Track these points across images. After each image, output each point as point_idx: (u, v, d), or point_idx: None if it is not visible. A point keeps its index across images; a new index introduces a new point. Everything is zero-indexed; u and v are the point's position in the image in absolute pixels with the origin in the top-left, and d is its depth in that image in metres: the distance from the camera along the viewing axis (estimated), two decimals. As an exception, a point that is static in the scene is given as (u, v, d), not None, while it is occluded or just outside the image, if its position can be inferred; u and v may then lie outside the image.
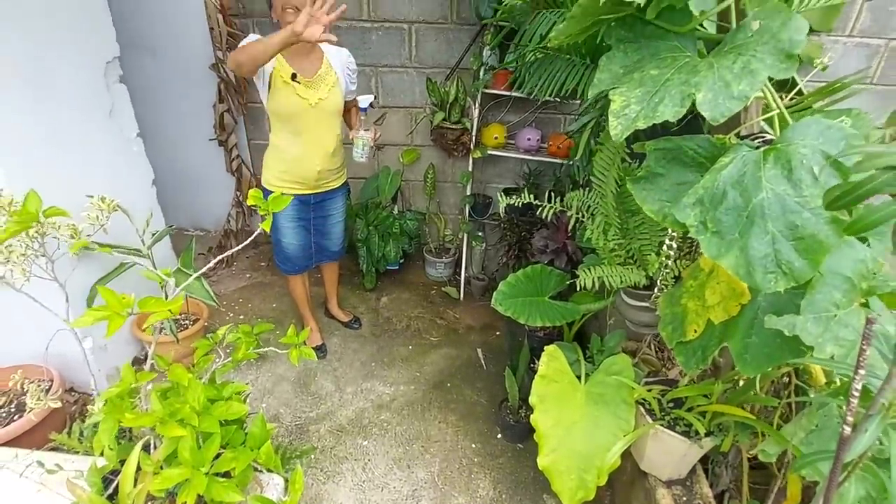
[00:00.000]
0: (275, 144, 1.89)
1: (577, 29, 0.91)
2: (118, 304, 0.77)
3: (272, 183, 1.94)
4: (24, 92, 1.59)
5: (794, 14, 0.75)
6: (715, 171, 0.78)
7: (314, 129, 1.83)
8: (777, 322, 0.82)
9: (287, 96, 1.74)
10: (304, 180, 1.92)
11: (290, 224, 2.01)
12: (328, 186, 2.02)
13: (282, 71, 1.73)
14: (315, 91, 1.79)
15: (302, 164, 1.88)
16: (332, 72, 1.85)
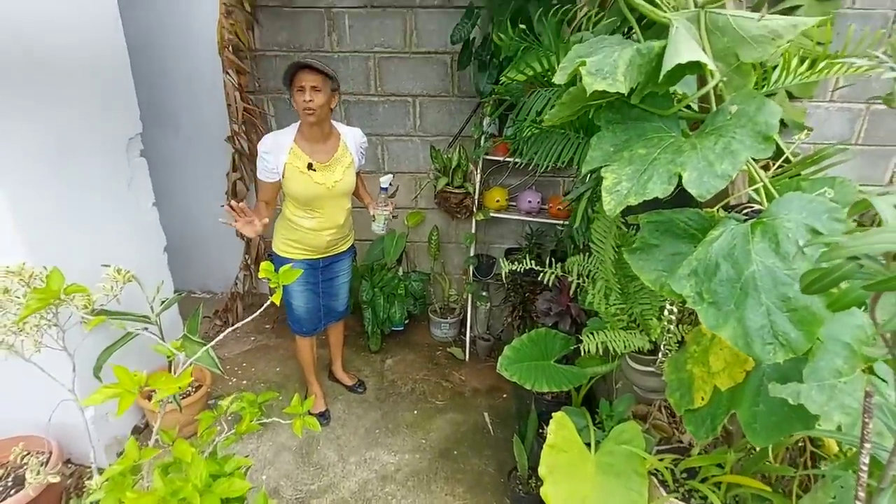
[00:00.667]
0: (287, 217, 1.96)
1: (568, 113, 0.98)
2: (130, 381, 0.79)
3: (282, 249, 2.01)
4: (49, 168, 1.69)
5: (767, 100, 0.81)
6: (706, 244, 0.81)
7: (328, 207, 1.91)
8: (781, 390, 0.82)
9: (303, 183, 1.81)
10: (314, 248, 2.00)
11: (300, 288, 2.06)
12: (336, 250, 2.09)
13: (296, 162, 1.80)
14: (331, 174, 1.86)
15: (314, 236, 1.95)
16: (348, 153, 1.93)
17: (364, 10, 2.59)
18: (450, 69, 2.64)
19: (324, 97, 1.74)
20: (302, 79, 1.70)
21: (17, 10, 1.55)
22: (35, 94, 1.62)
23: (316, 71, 1.71)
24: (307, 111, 1.73)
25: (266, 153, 1.78)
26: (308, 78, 1.69)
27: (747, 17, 0.83)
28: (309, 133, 1.81)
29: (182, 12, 2.64)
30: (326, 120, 1.83)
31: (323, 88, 1.73)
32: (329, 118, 1.85)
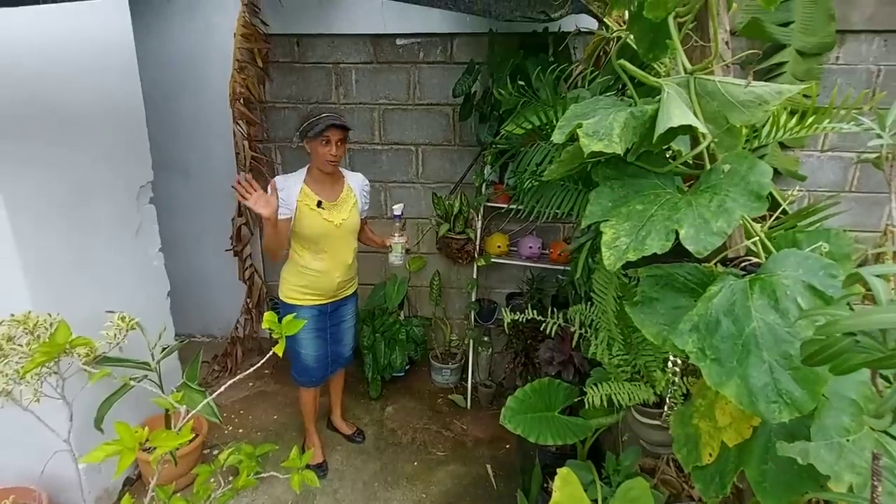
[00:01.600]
0: (296, 262, 2.01)
1: (566, 169, 1.02)
2: (130, 438, 0.78)
3: (291, 296, 2.04)
4: (61, 214, 1.73)
5: (758, 160, 0.84)
6: (706, 300, 0.82)
7: (336, 246, 1.99)
8: (789, 449, 0.81)
9: (313, 220, 1.92)
10: (324, 292, 2.04)
11: (310, 335, 2.06)
12: (344, 294, 2.14)
13: (307, 199, 1.92)
14: (339, 213, 1.97)
15: (324, 278, 2.00)
16: (352, 194, 2.04)
17: (370, 65, 2.72)
18: (451, 120, 2.74)
19: (344, 150, 1.93)
20: (332, 134, 1.85)
21: (43, 67, 1.63)
22: (52, 143, 1.68)
23: (344, 128, 1.89)
24: (331, 162, 1.89)
25: (280, 189, 1.86)
26: (337, 134, 1.86)
27: (735, 84, 0.88)
28: (319, 176, 1.95)
29: (197, 69, 2.77)
30: (338, 168, 2.02)
31: (344, 142, 1.91)
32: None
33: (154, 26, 2.69)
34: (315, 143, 1.87)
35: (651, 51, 1.08)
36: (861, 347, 0.40)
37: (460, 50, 2.64)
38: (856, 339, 0.40)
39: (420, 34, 2.63)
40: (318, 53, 2.73)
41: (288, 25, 2.65)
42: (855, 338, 0.40)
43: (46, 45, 1.63)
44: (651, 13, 0.84)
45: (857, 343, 0.40)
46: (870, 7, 2.30)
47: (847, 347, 0.40)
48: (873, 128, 0.78)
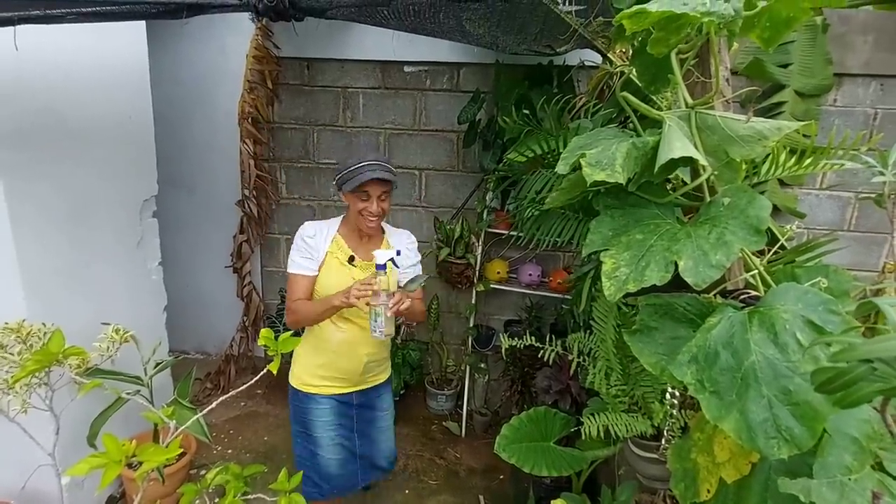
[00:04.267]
0: (313, 333, 1.59)
1: (568, 197, 1.03)
2: (117, 451, 0.77)
3: (305, 381, 1.60)
4: (64, 224, 1.74)
5: (757, 195, 0.85)
6: (705, 331, 0.82)
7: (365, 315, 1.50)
8: (791, 486, 0.79)
9: (341, 278, 1.52)
10: (348, 374, 1.59)
11: (329, 433, 1.60)
12: (374, 380, 1.67)
13: (338, 252, 1.55)
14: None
15: (347, 355, 1.56)
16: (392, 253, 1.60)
17: (378, 90, 2.78)
18: (456, 146, 2.78)
19: (387, 204, 1.52)
20: (371, 189, 1.47)
21: (58, 82, 1.67)
22: (60, 154, 1.71)
23: (387, 182, 1.47)
24: (370, 221, 1.50)
25: (310, 237, 1.53)
26: (379, 188, 1.47)
27: (735, 119, 0.90)
28: (357, 233, 1.59)
29: (209, 88, 2.84)
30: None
31: (388, 195, 1.52)
32: None
33: (170, 45, 2.76)
34: (352, 196, 1.50)
35: (653, 84, 1.11)
36: (877, 376, 0.40)
37: (466, 79, 2.70)
38: (873, 367, 0.40)
39: (428, 62, 2.69)
40: (328, 77, 2.79)
41: (299, 49, 2.72)
42: (872, 365, 0.40)
43: (63, 60, 1.67)
44: (654, 49, 0.86)
45: (875, 371, 0.40)
46: (865, 53, 2.37)
47: (863, 375, 0.40)
48: (876, 166, 0.79)
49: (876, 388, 0.50)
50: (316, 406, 1.58)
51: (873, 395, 0.53)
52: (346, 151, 2.91)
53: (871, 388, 0.50)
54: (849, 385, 0.42)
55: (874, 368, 0.39)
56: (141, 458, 0.81)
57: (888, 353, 0.36)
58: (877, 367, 0.39)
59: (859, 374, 0.40)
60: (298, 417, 1.63)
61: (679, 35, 0.82)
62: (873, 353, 0.37)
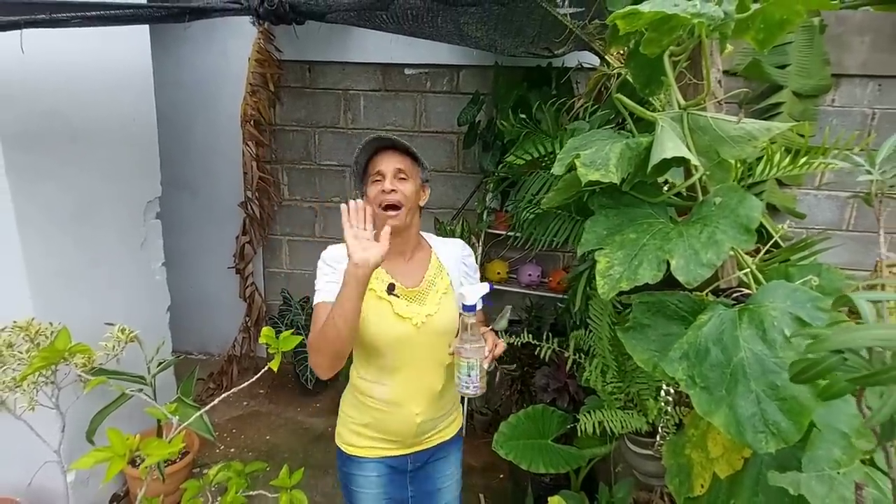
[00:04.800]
0: (356, 386, 1.26)
1: (564, 197, 1.05)
2: (121, 445, 0.79)
3: (348, 440, 1.27)
4: (69, 224, 1.77)
5: (748, 195, 0.87)
6: (696, 328, 0.83)
7: (417, 360, 1.20)
8: (780, 479, 0.81)
9: (381, 317, 1.16)
10: (398, 436, 1.24)
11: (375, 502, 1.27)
12: (437, 439, 1.29)
13: (373, 282, 1.15)
14: (421, 305, 1.19)
15: (395, 414, 1.21)
16: (444, 273, 1.25)
17: (378, 92, 2.80)
18: (456, 148, 2.80)
19: (411, 187, 1.16)
20: (380, 162, 1.16)
21: (63, 84, 1.70)
22: (66, 156, 1.74)
23: (402, 152, 1.18)
24: (389, 208, 1.15)
25: (334, 262, 1.16)
26: (389, 160, 1.16)
27: (726, 120, 0.92)
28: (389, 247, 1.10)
29: (211, 91, 2.87)
30: (414, 225, 1.22)
31: (411, 176, 1.17)
32: (418, 224, 1.24)
33: (173, 49, 2.79)
34: (364, 185, 1.21)
35: (647, 86, 1.13)
36: (848, 366, 0.42)
37: (466, 81, 2.73)
38: (844, 358, 0.42)
39: (428, 65, 2.72)
40: (329, 80, 2.82)
41: (301, 52, 2.75)
42: (843, 355, 0.42)
43: (68, 64, 1.70)
44: (647, 49, 0.88)
45: (845, 361, 0.42)
46: (862, 53, 2.38)
47: (835, 365, 0.42)
48: (863, 165, 0.81)
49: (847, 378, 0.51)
50: (360, 473, 1.26)
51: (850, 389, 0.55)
52: (347, 153, 2.94)
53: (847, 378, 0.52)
54: (821, 375, 0.43)
55: (845, 359, 0.41)
56: (145, 452, 0.83)
57: (857, 344, 0.38)
58: (847, 357, 0.41)
59: (830, 365, 0.41)
60: (343, 483, 1.31)
61: (671, 36, 0.84)
62: (842, 343, 0.39)
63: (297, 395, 2.94)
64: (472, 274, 1.31)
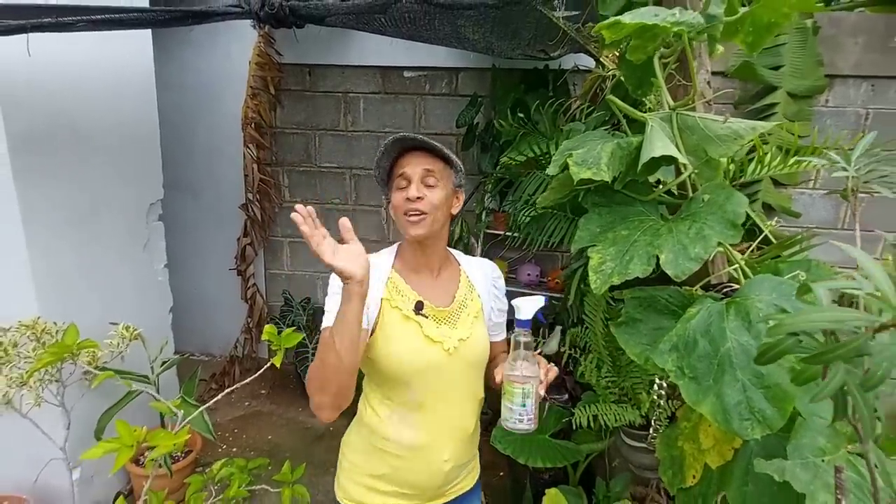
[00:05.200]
0: (369, 426, 1.05)
1: (558, 196, 1.08)
2: (129, 436, 0.81)
3: (354, 496, 1.07)
4: (74, 226, 1.80)
5: (735, 191, 0.90)
6: (685, 321, 0.86)
7: (448, 393, 1.03)
8: (766, 466, 0.83)
9: (408, 342, 1.00)
10: (419, 489, 1.05)
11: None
12: (458, 490, 1.11)
13: (398, 299, 1.02)
14: (452, 328, 1.04)
15: (420, 463, 1.03)
16: (475, 294, 1.11)
17: (378, 95, 2.84)
18: (455, 149, 2.83)
19: (441, 193, 1.01)
20: (406, 164, 1.01)
21: (68, 87, 1.73)
22: (70, 158, 1.77)
23: (432, 154, 1.02)
24: (413, 214, 0.99)
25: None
26: (417, 161, 1.01)
27: (713, 119, 0.94)
28: (414, 258, 1.06)
29: (213, 94, 2.90)
30: (442, 237, 1.08)
31: (441, 180, 1.02)
32: (446, 237, 1.10)
33: (176, 52, 2.83)
34: (389, 190, 1.06)
35: (639, 88, 1.16)
36: (803, 348, 0.45)
37: (464, 83, 2.76)
38: (799, 339, 0.44)
39: (426, 67, 2.75)
40: (329, 83, 2.85)
41: (301, 56, 2.78)
42: (798, 338, 0.44)
43: (72, 67, 1.73)
44: (632, 56, 0.91)
45: (800, 343, 0.45)
46: (856, 54, 2.41)
47: (790, 347, 0.45)
48: (839, 161, 0.84)
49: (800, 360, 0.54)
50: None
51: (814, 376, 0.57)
52: (347, 155, 2.97)
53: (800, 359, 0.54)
54: (780, 356, 0.46)
55: (800, 341, 0.44)
56: (152, 442, 0.86)
57: (810, 326, 0.40)
58: (801, 339, 0.43)
59: (787, 347, 0.44)
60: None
61: (655, 43, 0.87)
62: (797, 326, 0.42)
63: (298, 395, 2.97)
64: (502, 297, 1.16)
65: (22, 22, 1.33)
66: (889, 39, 2.39)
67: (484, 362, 1.10)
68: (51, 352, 1.09)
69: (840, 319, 0.38)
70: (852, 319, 0.37)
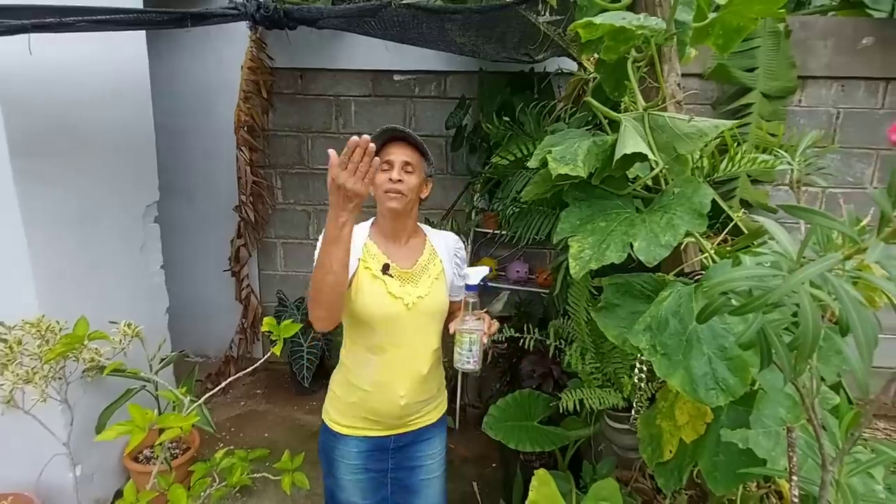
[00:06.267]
0: (345, 364, 1.33)
1: (540, 191, 1.15)
2: (142, 418, 0.87)
3: (334, 418, 1.35)
4: (73, 227, 1.83)
5: (701, 184, 0.98)
6: (658, 303, 0.93)
7: (406, 341, 1.27)
8: (732, 435, 0.91)
9: (374, 296, 1.23)
10: (381, 417, 1.31)
11: (354, 476, 1.33)
12: (418, 423, 1.36)
13: (370, 261, 1.26)
14: (414, 286, 1.27)
15: (380, 395, 1.28)
16: (437, 260, 1.34)
17: (369, 98, 2.90)
18: (444, 150, 2.90)
19: (416, 179, 1.25)
20: (390, 152, 1.24)
21: (65, 92, 1.77)
22: (68, 161, 1.81)
23: (411, 145, 1.26)
24: (393, 193, 1.22)
25: None
26: (400, 152, 1.24)
27: (680, 119, 1.02)
28: (388, 228, 1.30)
29: (205, 98, 2.94)
30: (412, 214, 1.32)
31: (417, 169, 1.26)
32: (416, 214, 1.34)
33: (166, 57, 2.87)
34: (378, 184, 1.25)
35: (616, 90, 1.24)
36: (730, 305, 0.52)
37: (452, 86, 2.83)
38: (728, 298, 0.52)
39: (416, 71, 2.82)
40: (320, 86, 2.91)
41: (293, 60, 2.84)
42: (728, 297, 0.52)
43: (69, 71, 1.77)
44: (606, 55, 0.99)
45: (730, 300, 0.52)
46: (826, 56, 2.52)
47: (722, 304, 0.52)
48: (786, 157, 0.92)
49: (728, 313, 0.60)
50: (342, 447, 1.34)
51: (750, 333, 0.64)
52: (338, 157, 3.02)
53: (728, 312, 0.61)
54: (714, 313, 0.53)
55: (729, 299, 0.51)
56: (162, 425, 0.91)
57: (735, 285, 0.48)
58: (731, 297, 0.51)
59: (719, 304, 0.51)
60: (323, 450, 1.41)
61: (626, 44, 0.95)
62: (724, 286, 0.49)
63: (293, 394, 3.01)
64: (462, 265, 1.39)
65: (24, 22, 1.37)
66: (857, 42, 2.51)
67: (440, 317, 1.33)
68: (63, 342, 1.13)
69: (755, 275, 0.45)
70: (764, 274, 0.45)
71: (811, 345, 0.42)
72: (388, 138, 1.25)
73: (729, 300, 0.51)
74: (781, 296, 0.43)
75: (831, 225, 0.44)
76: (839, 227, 0.43)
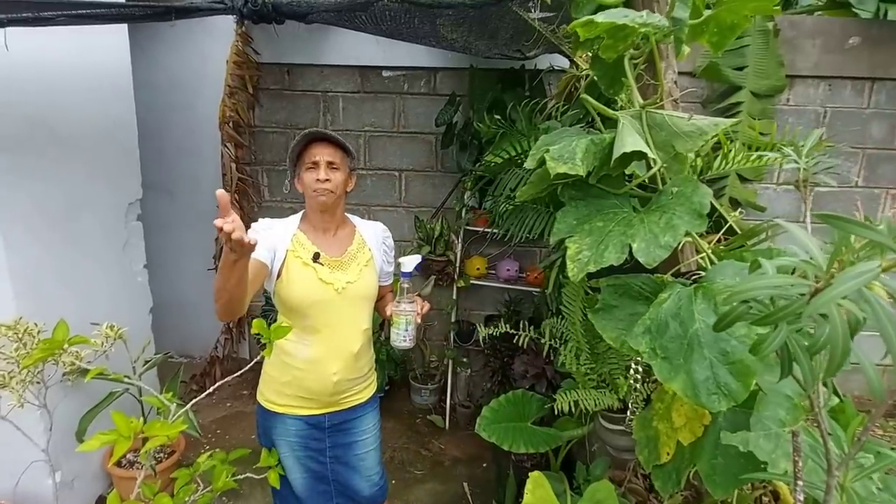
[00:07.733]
0: (279, 346, 1.34)
1: (536, 191, 1.13)
2: (126, 427, 0.83)
3: (270, 399, 1.42)
4: (52, 225, 1.77)
5: (700, 184, 0.96)
6: (657, 305, 0.92)
7: (337, 323, 1.36)
8: (732, 438, 0.90)
9: (305, 282, 1.32)
10: (315, 395, 1.38)
11: (294, 454, 1.41)
12: (350, 402, 1.44)
13: (300, 251, 1.35)
14: (343, 273, 1.37)
15: (313, 373, 1.36)
16: (366, 248, 1.45)
17: (357, 94, 2.85)
18: (434, 148, 2.87)
19: (342, 176, 1.36)
20: (315, 153, 1.33)
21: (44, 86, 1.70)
22: (48, 158, 1.74)
23: (333, 144, 1.35)
24: (321, 191, 1.33)
25: (263, 229, 1.34)
26: (324, 152, 1.33)
27: (679, 117, 1.01)
28: (317, 221, 1.40)
29: (187, 93, 2.87)
30: (340, 206, 1.42)
31: (341, 166, 1.36)
32: (343, 206, 1.44)
33: (148, 50, 2.78)
34: (298, 170, 1.37)
35: (611, 87, 1.22)
36: (752, 314, 0.50)
37: (443, 83, 2.80)
38: (749, 306, 0.50)
39: (405, 67, 2.78)
40: (308, 82, 2.85)
41: (279, 55, 2.77)
42: (748, 304, 0.50)
43: (49, 65, 1.70)
44: (604, 54, 0.97)
45: (751, 308, 0.50)
46: (814, 55, 2.54)
47: (742, 312, 0.50)
48: (791, 155, 0.90)
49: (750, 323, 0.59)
50: (280, 424, 1.41)
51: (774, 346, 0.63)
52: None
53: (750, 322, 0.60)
54: (735, 321, 0.51)
55: (750, 307, 0.49)
56: (148, 433, 0.87)
57: (757, 293, 0.46)
58: (752, 305, 0.49)
59: (739, 313, 0.50)
60: (263, 433, 1.48)
61: (626, 42, 0.93)
62: (744, 292, 0.47)
63: (281, 394, 2.96)
64: (390, 252, 1.53)
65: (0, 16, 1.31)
66: (844, 42, 2.53)
67: (370, 300, 1.44)
68: (42, 347, 1.08)
69: (780, 284, 0.43)
70: (791, 284, 0.43)
71: (840, 359, 0.41)
72: (311, 139, 1.34)
73: (749, 308, 0.49)
74: (816, 310, 0.41)
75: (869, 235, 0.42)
76: (879, 237, 0.42)
